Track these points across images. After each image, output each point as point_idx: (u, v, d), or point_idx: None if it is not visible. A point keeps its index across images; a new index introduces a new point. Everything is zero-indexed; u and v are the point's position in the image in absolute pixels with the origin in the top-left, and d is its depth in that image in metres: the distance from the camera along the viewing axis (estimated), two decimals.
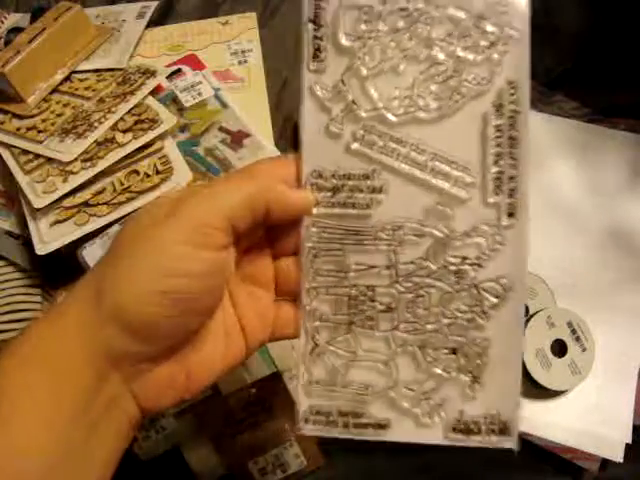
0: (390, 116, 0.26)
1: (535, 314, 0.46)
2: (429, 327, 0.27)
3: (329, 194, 0.27)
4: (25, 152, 0.48)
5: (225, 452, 0.43)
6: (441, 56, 0.26)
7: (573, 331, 0.46)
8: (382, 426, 0.27)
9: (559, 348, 0.46)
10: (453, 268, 0.27)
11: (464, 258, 0.27)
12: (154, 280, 0.22)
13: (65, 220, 0.45)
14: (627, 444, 0.45)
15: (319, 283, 0.27)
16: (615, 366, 0.48)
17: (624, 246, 0.53)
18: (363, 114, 0.26)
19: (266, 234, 0.28)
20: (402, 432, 0.27)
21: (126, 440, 0.25)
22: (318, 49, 0.26)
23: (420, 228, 0.27)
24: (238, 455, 0.43)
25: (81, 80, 0.53)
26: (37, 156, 0.48)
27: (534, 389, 0.46)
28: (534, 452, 0.46)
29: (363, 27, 0.26)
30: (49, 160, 0.47)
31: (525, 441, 0.46)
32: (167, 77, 0.53)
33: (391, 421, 0.27)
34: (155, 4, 0.61)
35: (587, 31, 0.62)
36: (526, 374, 0.45)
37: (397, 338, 0.27)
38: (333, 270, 0.27)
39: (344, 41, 0.26)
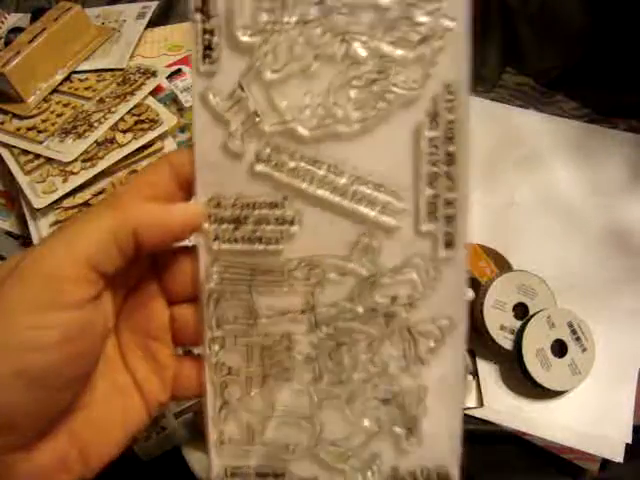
0: (301, 130, 0.22)
1: (535, 314, 0.46)
2: (356, 377, 0.24)
3: (231, 227, 0.22)
4: (25, 152, 0.48)
5: None
6: (362, 53, 0.21)
7: (573, 331, 0.46)
8: None
9: (559, 348, 0.46)
10: (382, 310, 0.23)
11: (394, 298, 0.23)
12: (1, 361, 0.18)
13: (65, 220, 0.45)
14: (627, 444, 0.45)
15: (225, 332, 0.23)
16: (615, 366, 0.48)
17: (624, 246, 0.53)
18: (268, 128, 0.22)
19: (157, 276, 0.23)
20: None
21: None
22: (209, 46, 0.21)
23: (342, 265, 0.23)
24: None
25: (81, 80, 0.53)
26: (37, 156, 0.48)
27: (534, 389, 0.46)
28: (534, 452, 0.46)
29: (265, 17, 0.21)
30: (49, 160, 0.47)
31: (525, 441, 0.46)
32: (167, 77, 0.53)
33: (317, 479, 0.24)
34: (155, 4, 0.61)
35: (587, 31, 0.62)
36: (526, 374, 0.45)
37: (320, 391, 0.24)
38: (240, 317, 0.23)
39: (241, 36, 0.21)
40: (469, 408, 0.47)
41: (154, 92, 0.51)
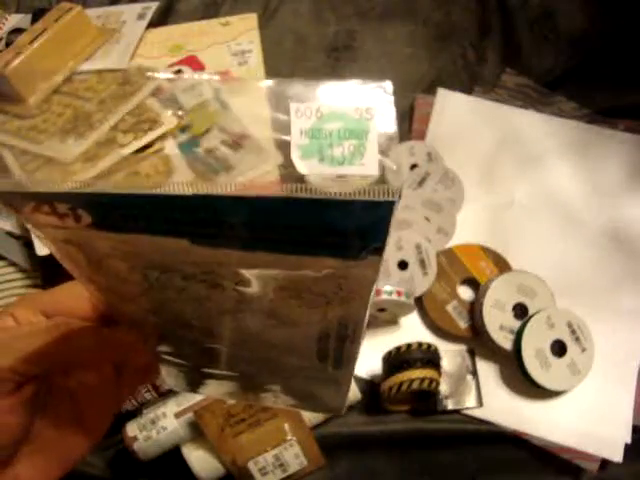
0: None
1: (535, 314, 0.46)
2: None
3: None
4: (26, 152, 0.48)
5: (225, 452, 0.43)
6: None
7: (573, 331, 0.46)
8: None
9: (559, 348, 0.46)
10: None
11: None
12: None
13: None
14: (627, 444, 0.46)
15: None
16: (615, 366, 0.48)
17: (624, 246, 0.53)
18: None
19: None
20: None
21: None
22: None
23: None
24: (238, 455, 0.43)
25: (82, 81, 0.53)
26: (38, 156, 0.48)
27: (534, 389, 0.46)
28: (534, 452, 0.46)
29: None
30: (50, 160, 0.47)
31: (525, 441, 0.46)
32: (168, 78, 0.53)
33: None
34: (156, 5, 0.61)
35: (587, 32, 0.63)
36: (526, 374, 0.45)
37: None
38: None
39: None
40: (469, 408, 0.47)
41: (155, 93, 0.51)
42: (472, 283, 0.51)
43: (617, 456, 0.45)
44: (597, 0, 0.63)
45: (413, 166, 0.55)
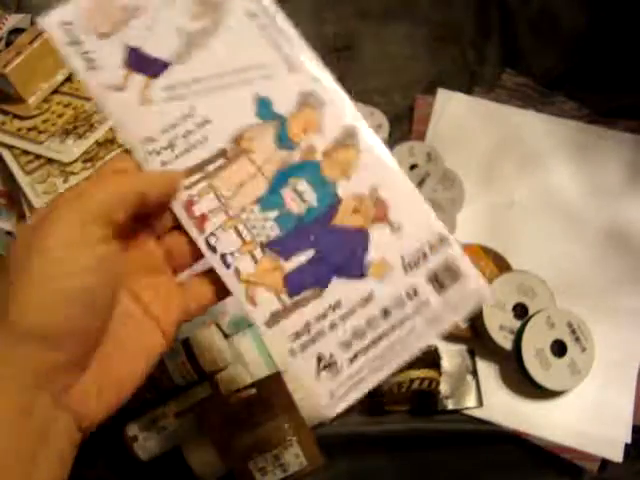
0: None
1: (535, 314, 0.46)
2: None
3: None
4: (26, 153, 0.48)
5: (225, 452, 0.43)
6: None
7: (573, 331, 0.46)
8: None
9: (559, 348, 0.46)
10: None
11: None
12: (45, 288, 0.23)
13: None
14: (627, 444, 0.46)
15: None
16: (615, 366, 0.48)
17: (624, 246, 0.53)
18: None
19: (138, 220, 0.27)
20: None
21: (69, 463, 0.24)
22: None
23: None
24: (238, 455, 0.43)
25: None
26: (38, 157, 0.48)
27: (534, 389, 0.46)
28: (534, 452, 0.46)
29: None
30: (50, 161, 0.47)
31: (525, 441, 0.46)
32: None
33: None
34: None
35: (588, 32, 0.63)
36: (526, 374, 0.45)
37: None
38: None
39: None
40: (469, 408, 0.47)
41: None
42: None
43: (617, 456, 0.45)
44: (597, 0, 0.63)
45: (413, 166, 0.55)
